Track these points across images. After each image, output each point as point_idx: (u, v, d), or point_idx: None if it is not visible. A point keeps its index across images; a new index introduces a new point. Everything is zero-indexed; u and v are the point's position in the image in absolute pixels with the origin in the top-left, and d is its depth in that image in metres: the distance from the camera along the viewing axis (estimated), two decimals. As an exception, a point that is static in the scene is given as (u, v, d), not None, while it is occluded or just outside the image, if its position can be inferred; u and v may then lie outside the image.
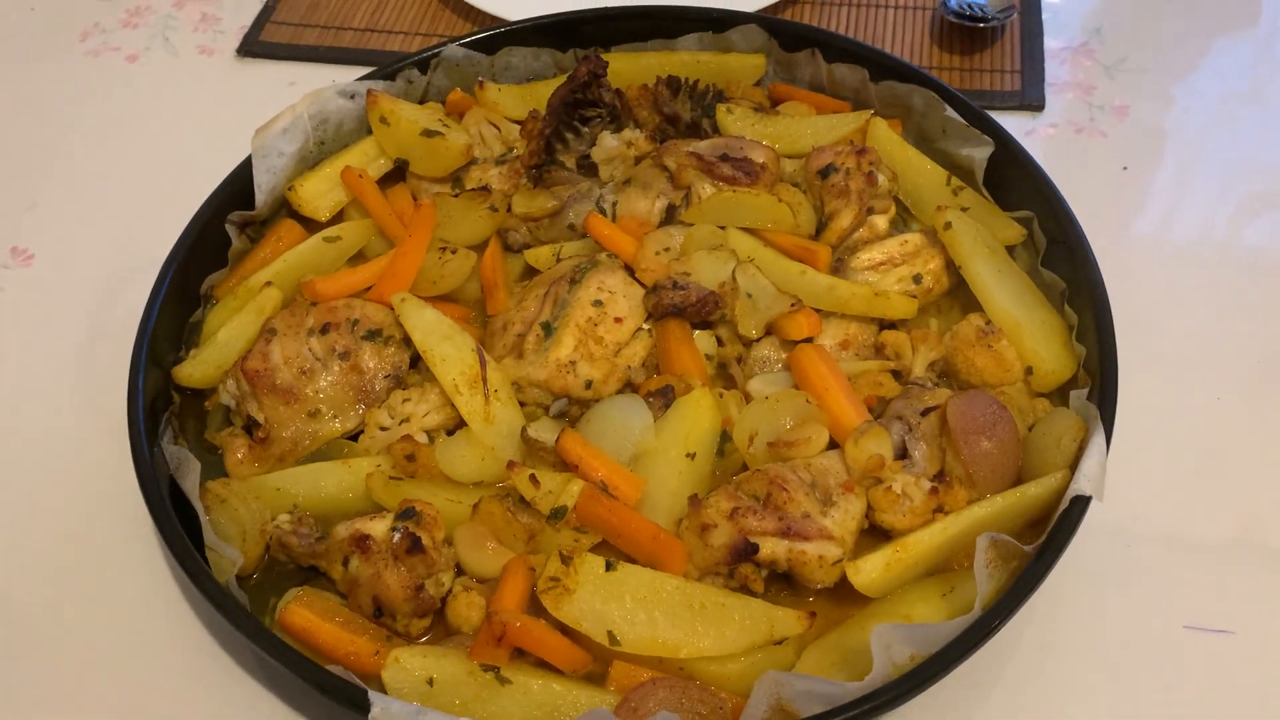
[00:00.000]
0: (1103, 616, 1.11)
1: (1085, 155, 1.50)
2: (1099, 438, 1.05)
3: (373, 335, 1.22)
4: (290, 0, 1.81)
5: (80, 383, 1.35)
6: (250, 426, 1.19)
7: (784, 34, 1.49)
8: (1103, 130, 1.53)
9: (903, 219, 1.37)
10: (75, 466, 1.28)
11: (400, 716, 0.92)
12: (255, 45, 1.75)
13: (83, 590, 1.19)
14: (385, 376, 1.21)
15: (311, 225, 1.38)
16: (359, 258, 1.35)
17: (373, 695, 0.93)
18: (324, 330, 1.21)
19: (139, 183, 1.57)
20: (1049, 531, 1.01)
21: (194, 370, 1.23)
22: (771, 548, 1.04)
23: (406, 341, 1.23)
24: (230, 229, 1.34)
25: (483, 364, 1.18)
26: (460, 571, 1.09)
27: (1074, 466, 1.05)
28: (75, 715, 1.11)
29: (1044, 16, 1.67)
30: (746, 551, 1.03)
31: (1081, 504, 1.01)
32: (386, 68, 1.47)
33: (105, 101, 1.69)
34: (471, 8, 1.72)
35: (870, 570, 1.03)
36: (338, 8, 1.79)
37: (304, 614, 1.04)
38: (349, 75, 1.48)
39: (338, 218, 1.39)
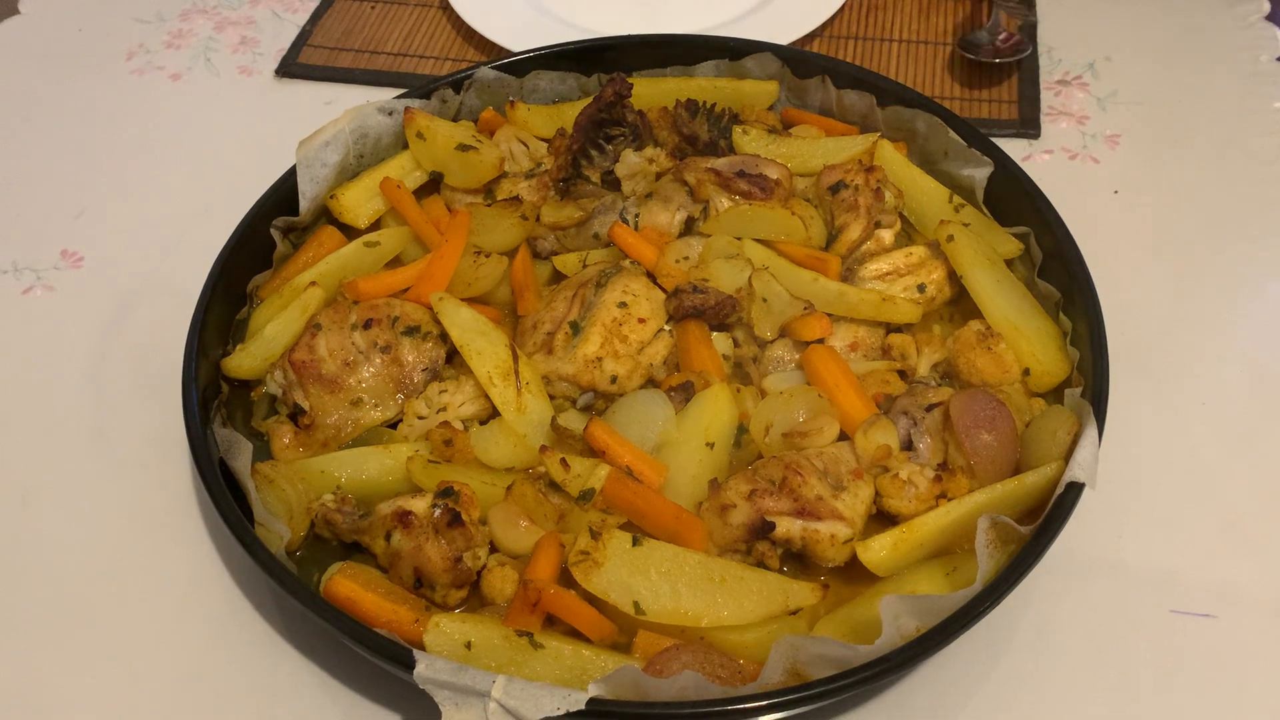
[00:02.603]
0: (1095, 601, 1.18)
1: (1078, 179, 1.59)
2: (1091, 430, 1.13)
3: (412, 331, 1.30)
4: (326, 25, 1.91)
5: (130, 374, 1.43)
6: (295, 414, 1.27)
7: (796, 62, 1.59)
8: (1095, 157, 1.62)
9: (907, 234, 1.45)
10: (126, 451, 1.35)
11: (443, 673, 0.98)
12: (293, 66, 1.84)
13: (132, 565, 1.26)
14: (423, 370, 1.29)
15: (350, 232, 1.46)
16: (395, 262, 1.43)
17: (417, 654, 1.00)
18: (366, 325, 1.29)
19: (182, 191, 1.66)
20: (1045, 514, 1.09)
21: (242, 362, 1.31)
22: (787, 526, 1.11)
23: (442, 338, 1.31)
24: (275, 233, 1.43)
25: (515, 358, 1.26)
26: (494, 549, 1.16)
27: (1068, 458, 1.13)
28: (126, 679, 1.18)
29: (1040, 51, 1.77)
30: (764, 529, 1.11)
31: (1076, 490, 1.09)
32: (423, 87, 1.56)
33: (150, 116, 1.78)
34: (500, 35, 1.82)
35: (879, 549, 1.11)
36: (371, 33, 1.89)
37: (348, 585, 1.12)
38: (382, 96, 1.57)
39: (375, 225, 1.47)
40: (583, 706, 0.96)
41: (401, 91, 1.58)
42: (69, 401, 1.41)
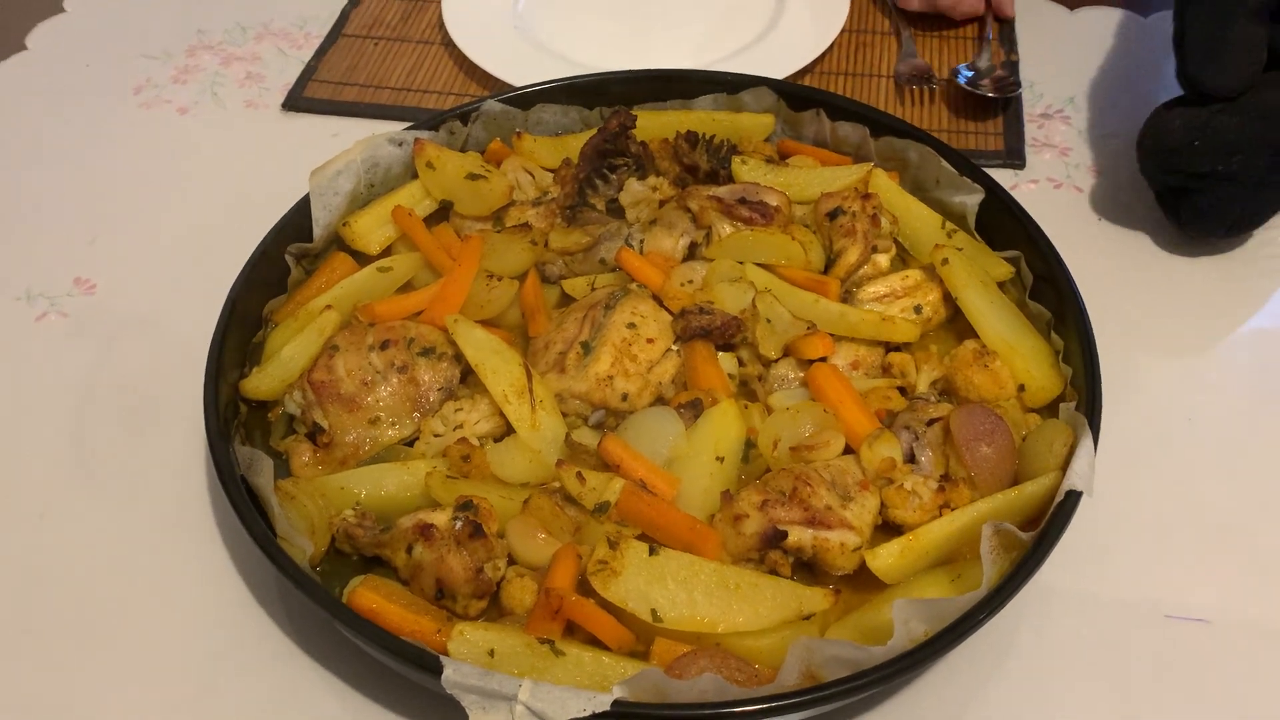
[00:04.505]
0: (1093, 608, 1.23)
1: (1064, 207, 1.66)
2: (1087, 441, 1.18)
3: (427, 352, 1.34)
4: (330, 61, 1.96)
5: (146, 395, 1.46)
6: (314, 433, 1.30)
7: (791, 95, 1.65)
8: (1078, 186, 1.69)
9: (902, 259, 1.50)
10: (144, 470, 1.38)
11: (470, 677, 1.01)
12: (299, 100, 1.88)
13: (150, 580, 1.28)
14: (438, 389, 1.33)
15: (362, 258, 1.50)
16: (406, 287, 1.47)
17: (444, 660, 1.03)
18: (383, 347, 1.33)
19: (193, 220, 1.69)
20: (1046, 521, 1.13)
21: (260, 384, 1.33)
22: (798, 535, 1.15)
23: (456, 358, 1.34)
24: (289, 259, 1.46)
25: (529, 377, 1.29)
26: (511, 561, 1.19)
27: (1065, 468, 1.18)
28: (145, 692, 1.20)
29: (1023, 85, 1.85)
30: (776, 538, 1.14)
31: (1074, 497, 1.14)
32: (432, 119, 1.61)
33: (159, 148, 1.82)
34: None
35: (886, 556, 1.15)
36: (375, 68, 1.94)
37: (371, 596, 1.14)
38: (387, 129, 1.61)
39: (386, 252, 1.51)
40: (608, 708, 0.99)
41: (409, 124, 1.62)
42: (85, 422, 1.43)
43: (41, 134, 1.84)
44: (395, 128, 1.60)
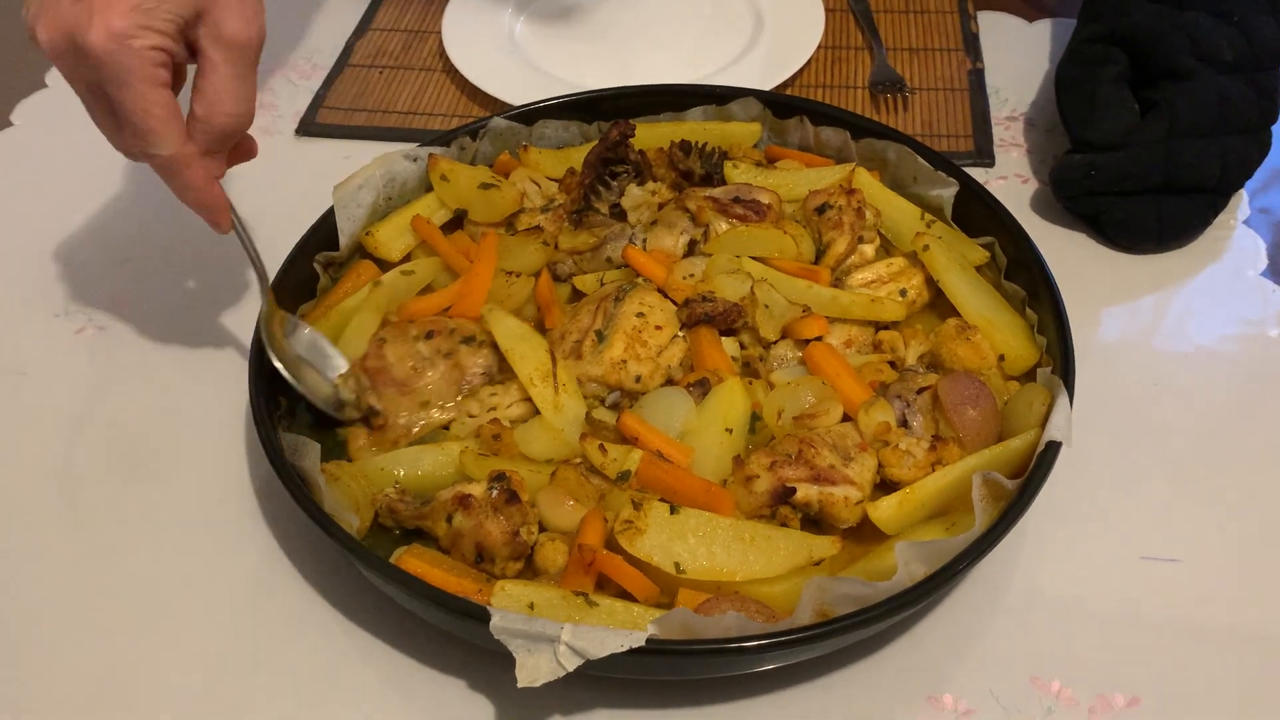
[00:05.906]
0: (1076, 552, 1.34)
1: (1032, 199, 1.79)
2: (1063, 399, 1.29)
3: (468, 340, 1.45)
4: (339, 88, 2.07)
5: (186, 395, 1.56)
6: (368, 417, 1.41)
7: (776, 104, 1.77)
8: (1044, 180, 1.82)
9: (885, 250, 1.62)
10: (189, 465, 1.48)
11: (515, 623, 1.11)
12: (312, 126, 1.99)
13: (203, 564, 1.38)
14: (481, 373, 1.44)
15: (384, 265, 1.61)
16: (427, 289, 1.58)
17: (491, 609, 1.13)
18: (429, 336, 1.45)
19: (219, 237, 1.78)
20: (1030, 469, 1.24)
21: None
22: (805, 491, 1.26)
23: (494, 346, 1.45)
24: (317, 267, 1.57)
25: (554, 361, 1.40)
26: (543, 528, 1.29)
27: (1044, 425, 1.29)
28: (206, 666, 1.29)
29: (989, 92, 1.99)
30: (785, 494, 1.25)
31: (1055, 447, 1.25)
32: (443, 136, 1.72)
33: (181, 174, 1.92)
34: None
35: (886, 507, 1.26)
36: (383, 94, 2.06)
37: (416, 563, 1.24)
38: (397, 149, 1.70)
39: (406, 259, 1.62)
40: (643, 643, 1.09)
41: (420, 142, 1.73)
42: (130, 420, 1.53)
43: (68, 163, 1.94)
44: (405, 147, 1.71)
